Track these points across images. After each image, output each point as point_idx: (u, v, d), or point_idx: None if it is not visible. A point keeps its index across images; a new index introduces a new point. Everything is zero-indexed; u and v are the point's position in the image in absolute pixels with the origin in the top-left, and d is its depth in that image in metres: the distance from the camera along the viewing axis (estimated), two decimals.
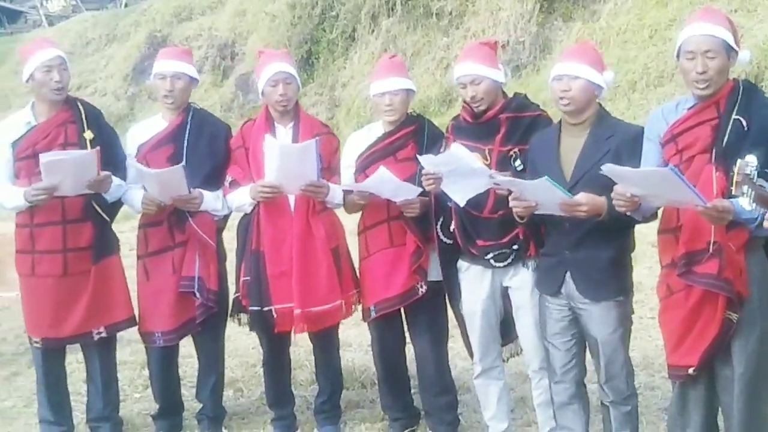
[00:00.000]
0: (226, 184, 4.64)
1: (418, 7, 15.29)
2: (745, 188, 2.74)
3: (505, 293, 4.34)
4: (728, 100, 3.53)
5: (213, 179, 4.66)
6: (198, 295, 4.61)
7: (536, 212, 3.84)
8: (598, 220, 3.73)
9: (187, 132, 4.67)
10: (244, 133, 4.69)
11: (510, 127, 4.16)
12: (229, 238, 4.90)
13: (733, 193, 2.84)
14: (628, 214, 3.63)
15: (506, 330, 4.47)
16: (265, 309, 4.55)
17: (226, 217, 4.82)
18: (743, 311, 3.50)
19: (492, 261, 4.23)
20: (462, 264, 4.38)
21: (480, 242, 4.23)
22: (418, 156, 4.23)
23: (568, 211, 3.72)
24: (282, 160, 4.34)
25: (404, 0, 15.37)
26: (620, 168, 3.50)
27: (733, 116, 3.49)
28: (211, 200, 4.62)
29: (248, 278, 4.60)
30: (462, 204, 4.15)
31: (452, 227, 4.33)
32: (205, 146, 4.68)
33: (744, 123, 3.47)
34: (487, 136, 4.18)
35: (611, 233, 3.80)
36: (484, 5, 14.84)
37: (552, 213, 3.80)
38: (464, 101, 4.28)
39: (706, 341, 3.54)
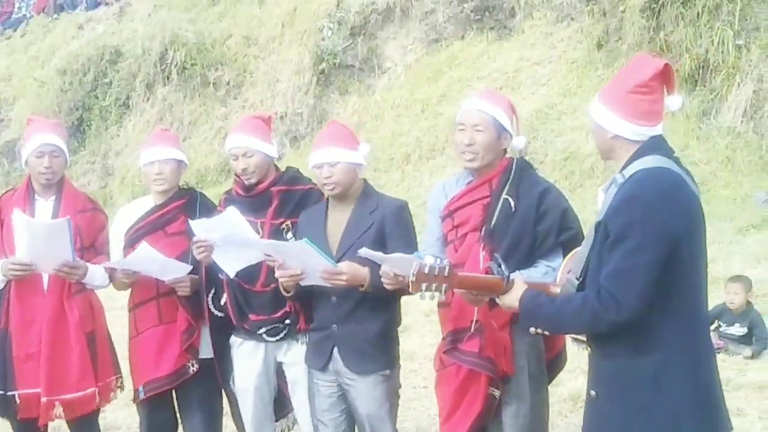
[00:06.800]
0: None
1: (195, 77, 15.14)
2: (423, 286, 2.88)
3: (278, 369, 4.28)
4: (500, 179, 3.65)
5: None
6: None
7: (302, 283, 3.84)
8: (362, 290, 3.77)
9: None
10: (2, 204, 4.42)
11: (282, 200, 4.15)
12: None
13: (411, 291, 3.01)
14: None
15: (279, 406, 4.40)
16: (9, 393, 4.26)
17: None
18: (514, 384, 3.62)
19: (265, 336, 4.17)
20: (235, 340, 4.29)
21: (252, 316, 4.16)
22: (189, 221, 4.12)
23: (329, 279, 3.73)
24: (32, 237, 4.12)
25: (180, 69, 15.18)
26: (373, 252, 3.58)
27: (503, 196, 3.61)
28: None
29: None
30: (232, 275, 4.08)
31: (224, 301, 4.23)
32: None
33: (512, 203, 3.59)
34: (259, 208, 4.15)
35: (379, 306, 3.85)
36: (262, 76, 14.94)
37: (317, 283, 3.81)
38: (235, 173, 4.24)
39: (473, 415, 3.63)
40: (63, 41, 17.96)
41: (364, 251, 3.59)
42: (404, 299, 4.02)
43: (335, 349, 3.91)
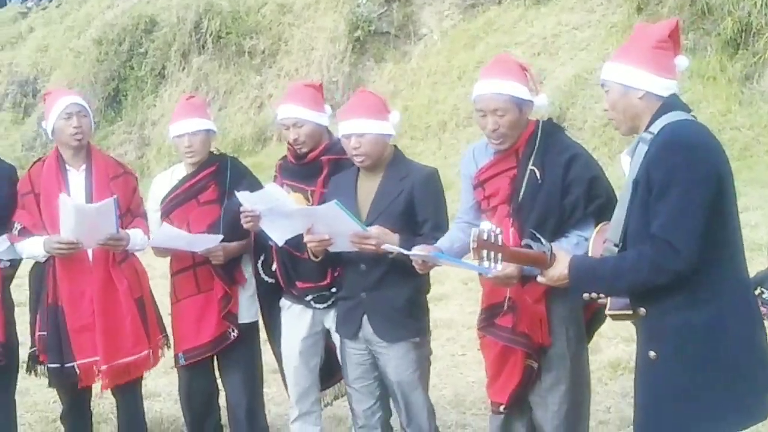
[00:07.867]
0: (15, 231, 4.32)
1: (230, 45, 15.14)
2: (484, 253, 2.83)
3: (327, 334, 4.28)
4: (526, 147, 3.57)
5: None
6: None
7: (331, 249, 3.85)
8: (391, 257, 3.73)
9: None
10: (33, 178, 4.39)
11: (332, 169, 4.14)
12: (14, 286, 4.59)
13: (472, 259, 2.96)
14: None
15: (328, 373, 4.42)
16: (67, 365, 4.31)
17: (14, 265, 4.50)
18: (553, 353, 3.59)
19: (312, 302, 4.18)
20: (284, 303, 4.33)
21: (299, 283, 4.18)
22: (236, 192, 4.12)
23: (358, 243, 3.71)
24: (78, 219, 4.15)
25: (215, 38, 15.18)
26: (394, 247, 3.61)
27: (529, 167, 3.53)
28: None
29: (45, 333, 4.34)
30: (280, 243, 4.09)
31: (274, 267, 4.25)
32: None
33: (538, 174, 3.51)
34: (310, 177, 4.16)
35: (408, 274, 3.78)
36: (297, 45, 14.88)
37: (345, 249, 3.81)
38: (288, 142, 4.22)
39: (512, 385, 3.64)
40: (98, 11, 18.04)
41: (386, 246, 3.63)
42: (441, 268, 3.98)
43: (365, 317, 3.91)
